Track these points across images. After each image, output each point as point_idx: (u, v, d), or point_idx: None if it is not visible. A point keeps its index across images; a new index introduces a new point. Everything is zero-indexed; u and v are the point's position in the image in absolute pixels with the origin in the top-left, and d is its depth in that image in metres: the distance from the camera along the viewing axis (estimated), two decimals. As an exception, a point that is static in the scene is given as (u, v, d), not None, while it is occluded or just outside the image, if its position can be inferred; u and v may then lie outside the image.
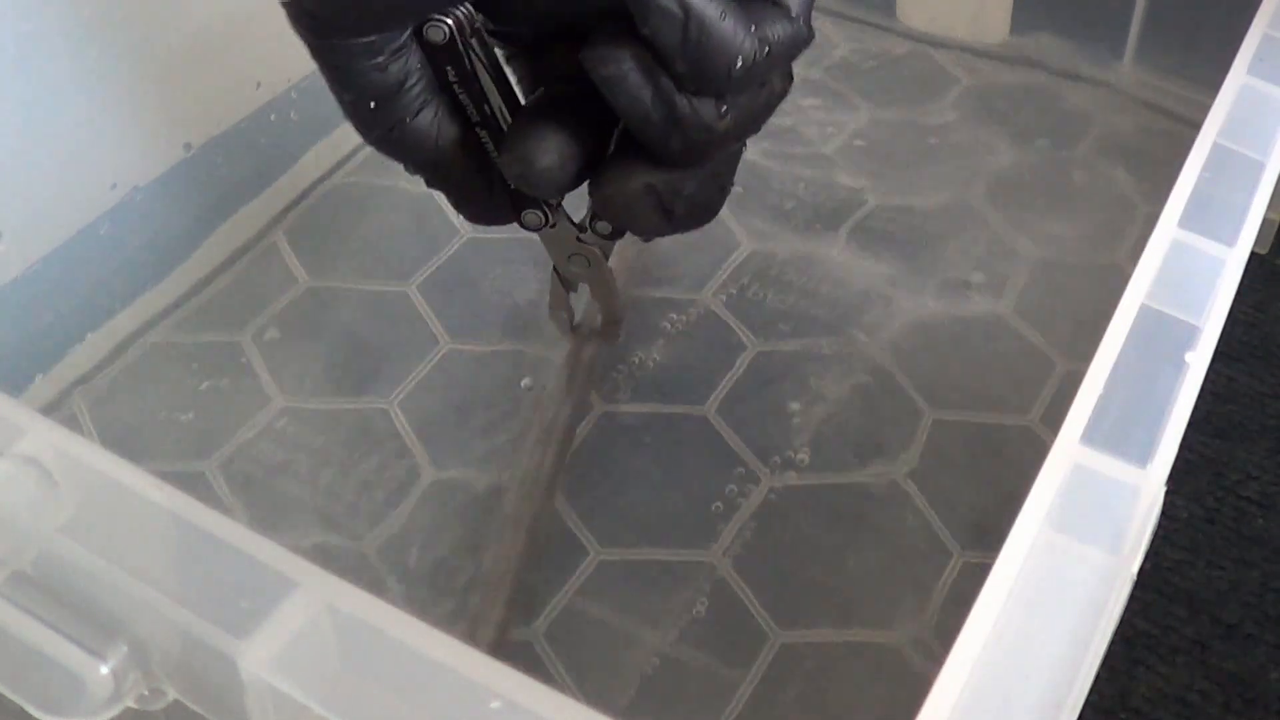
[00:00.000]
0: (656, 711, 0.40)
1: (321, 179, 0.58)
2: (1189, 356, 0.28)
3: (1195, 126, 0.34)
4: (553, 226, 0.41)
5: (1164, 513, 0.25)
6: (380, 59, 0.34)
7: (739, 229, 0.56)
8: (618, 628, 0.42)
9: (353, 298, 0.53)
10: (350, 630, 0.22)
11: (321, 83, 0.34)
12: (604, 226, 0.41)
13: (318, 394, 0.50)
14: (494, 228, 0.42)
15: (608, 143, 0.36)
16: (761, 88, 0.35)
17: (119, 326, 0.51)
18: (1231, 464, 0.49)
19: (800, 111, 0.63)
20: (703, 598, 0.43)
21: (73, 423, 0.48)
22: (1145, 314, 0.29)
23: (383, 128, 0.35)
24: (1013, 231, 0.57)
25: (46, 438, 0.24)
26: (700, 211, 0.37)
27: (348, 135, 0.59)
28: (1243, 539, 0.46)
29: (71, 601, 0.23)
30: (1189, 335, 0.28)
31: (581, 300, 0.47)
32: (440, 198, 0.41)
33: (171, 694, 0.23)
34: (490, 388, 0.50)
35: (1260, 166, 0.33)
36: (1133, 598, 0.24)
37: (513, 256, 0.55)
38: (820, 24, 0.69)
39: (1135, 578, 0.24)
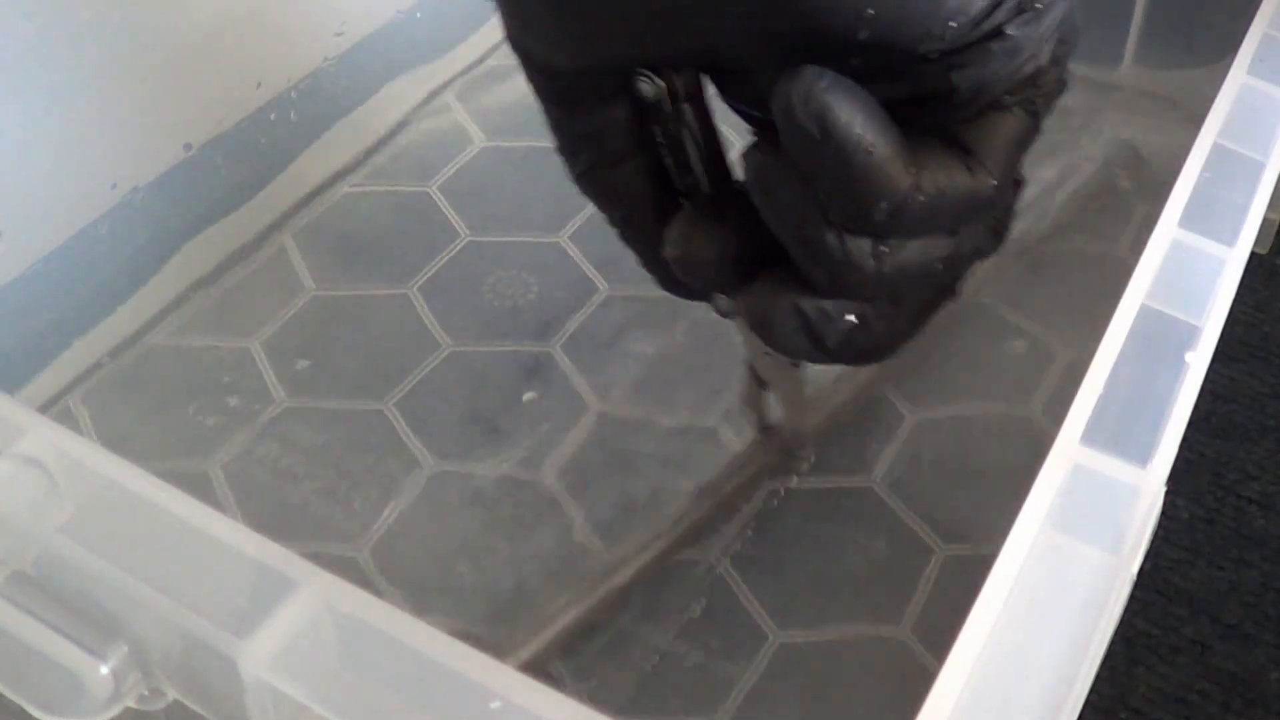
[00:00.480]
0: (655, 709, 0.40)
1: (322, 180, 0.58)
2: (1189, 356, 0.28)
3: (1195, 126, 0.34)
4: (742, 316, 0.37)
5: (1164, 513, 0.26)
6: (587, 102, 0.32)
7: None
8: (617, 626, 0.42)
9: (354, 299, 0.53)
10: (350, 630, 0.22)
11: (323, 82, 0.34)
12: None
13: (318, 395, 0.49)
14: (495, 232, 0.41)
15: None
16: (949, 238, 0.31)
17: (119, 327, 0.51)
18: (1231, 464, 0.49)
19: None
20: (701, 596, 0.43)
21: (72, 423, 0.48)
22: (1145, 314, 0.29)
23: (583, 168, 0.34)
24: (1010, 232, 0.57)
25: (46, 438, 0.24)
26: (861, 351, 0.33)
27: (349, 136, 0.60)
28: (1243, 539, 0.46)
29: (71, 601, 0.23)
30: (1189, 335, 0.28)
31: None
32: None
33: (171, 694, 0.23)
34: (491, 390, 0.50)
35: (1260, 166, 0.33)
36: (1133, 598, 0.24)
37: (514, 260, 0.55)
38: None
39: (1135, 578, 0.24)
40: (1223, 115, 0.35)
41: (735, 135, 0.34)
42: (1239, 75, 0.36)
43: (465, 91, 0.63)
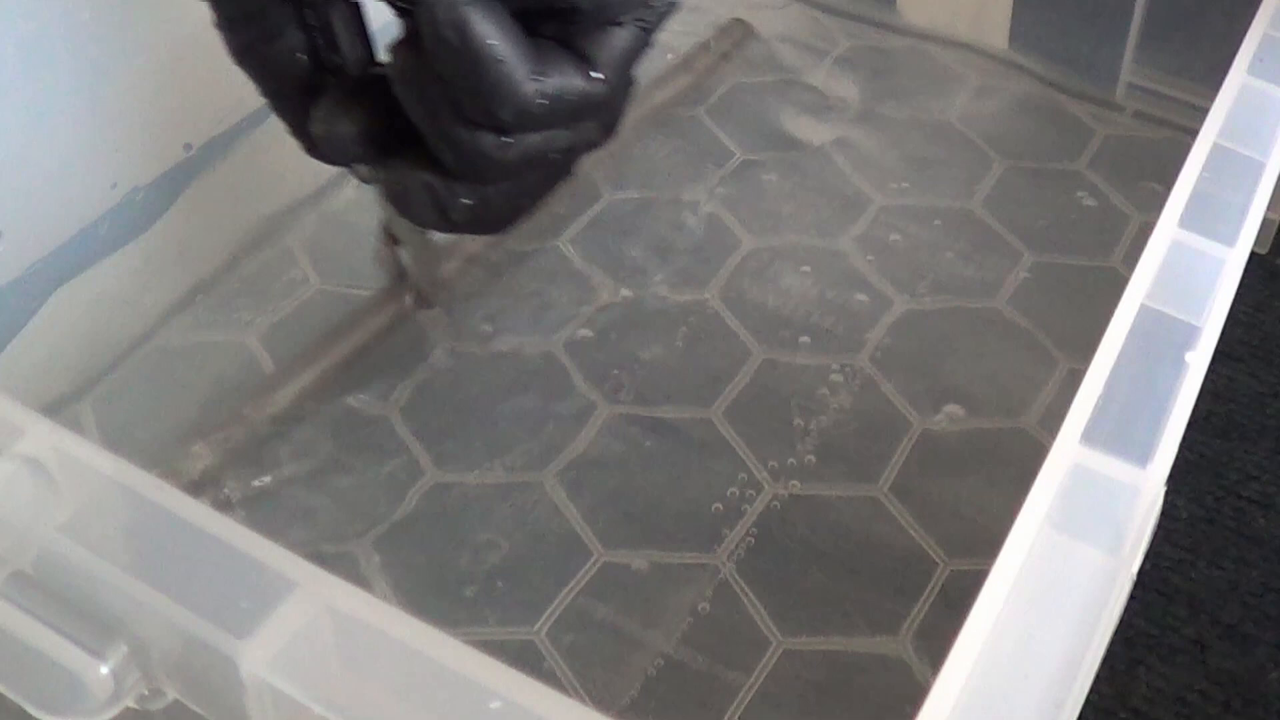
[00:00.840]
0: (658, 713, 0.40)
1: (323, 180, 0.58)
2: (1189, 356, 0.28)
3: (1195, 127, 0.34)
4: (379, 183, 0.41)
5: (1164, 513, 0.25)
6: None
7: (740, 230, 0.56)
8: (620, 629, 0.42)
9: (358, 300, 0.53)
10: (350, 630, 0.22)
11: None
12: None
13: (321, 395, 0.49)
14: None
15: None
16: (566, 130, 0.35)
17: (120, 327, 0.51)
18: (1231, 464, 0.49)
19: (797, 108, 0.63)
20: (704, 601, 0.43)
21: (73, 424, 0.48)
22: (1145, 314, 0.29)
23: (240, 43, 0.37)
24: (1011, 233, 0.57)
25: (46, 438, 0.24)
26: (484, 224, 0.38)
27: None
28: (1243, 539, 0.46)
29: (71, 601, 0.23)
30: (1189, 335, 0.28)
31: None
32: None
33: (171, 694, 0.23)
34: (491, 388, 0.50)
35: (1260, 166, 0.33)
36: (1133, 598, 0.24)
37: (512, 263, 0.55)
38: (819, 18, 0.69)
39: (1135, 578, 0.24)
40: (1223, 115, 0.35)
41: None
42: (1239, 75, 0.36)
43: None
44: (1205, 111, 0.35)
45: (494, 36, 0.32)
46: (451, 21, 0.32)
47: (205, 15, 0.35)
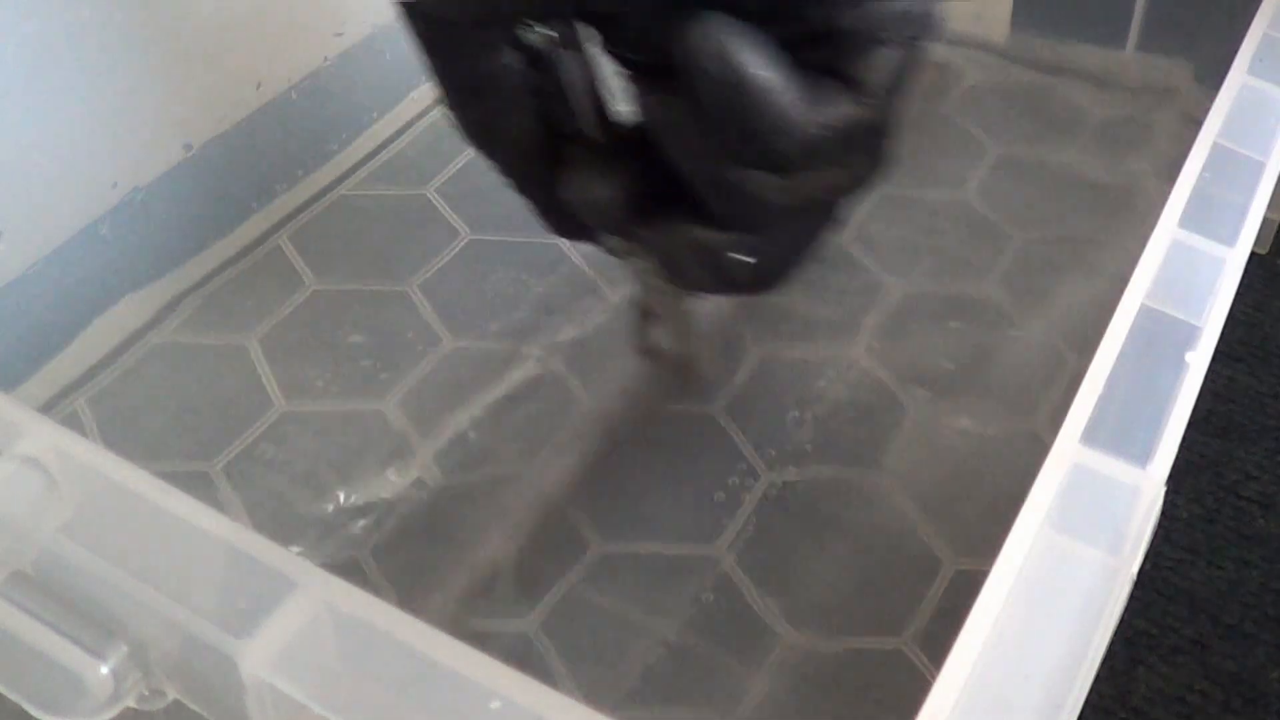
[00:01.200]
0: (659, 708, 0.40)
1: (325, 183, 0.58)
2: (1189, 356, 0.28)
3: (1195, 126, 0.34)
4: (634, 254, 0.38)
5: (1164, 513, 0.25)
6: (476, 54, 0.33)
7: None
8: (620, 622, 0.42)
9: (355, 299, 0.53)
10: (350, 630, 0.22)
11: (322, 83, 0.34)
12: None
13: (320, 395, 0.49)
14: (501, 234, 0.41)
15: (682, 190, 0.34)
16: (839, 169, 0.32)
17: (120, 327, 0.51)
18: (1231, 464, 0.49)
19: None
20: (707, 593, 0.43)
21: (73, 423, 0.48)
22: (1145, 314, 0.29)
23: (473, 121, 0.35)
24: (1011, 228, 0.57)
25: (46, 438, 0.24)
26: (761, 281, 0.35)
27: (350, 138, 0.60)
28: (1243, 539, 0.46)
29: (71, 601, 0.23)
30: (1189, 335, 0.28)
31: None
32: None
33: (171, 694, 0.23)
34: (491, 388, 0.50)
35: (1260, 166, 0.33)
36: (1133, 598, 0.24)
37: (514, 259, 0.55)
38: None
39: (1135, 578, 0.24)
40: (1223, 115, 0.35)
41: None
42: (1239, 75, 0.36)
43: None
44: (1206, 108, 0.35)
45: (763, 67, 0.30)
46: (717, 55, 0.29)
47: (206, 16, 0.35)
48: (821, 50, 0.31)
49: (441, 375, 0.50)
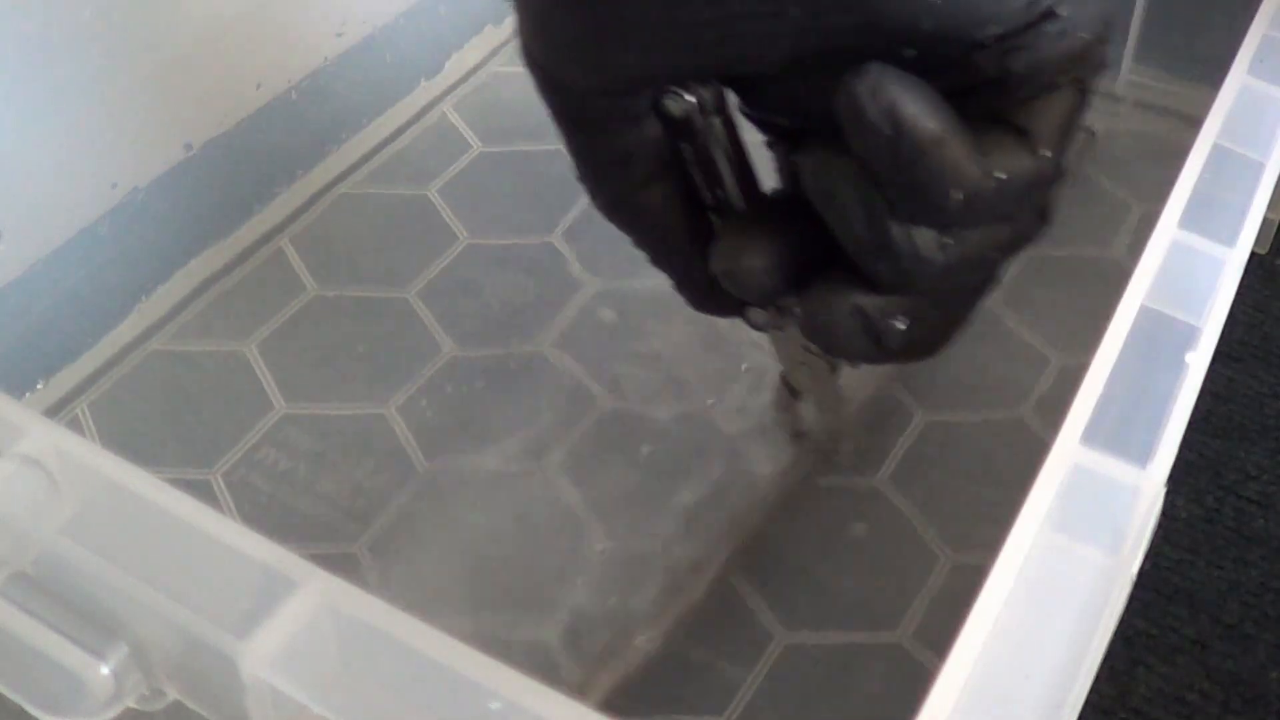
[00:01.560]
0: (659, 709, 0.40)
1: (325, 184, 0.58)
2: (1189, 356, 0.28)
3: (1195, 127, 0.34)
4: (780, 329, 0.37)
5: (1164, 513, 0.25)
6: (614, 124, 0.31)
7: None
8: (619, 622, 0.42)
9: (355, 303, 0.53)
10: (350, 630, 0.22)
11: (323, 82, 0.34)
12: None
13: (320, 399, 0.49)
14: (502, 237, 0.41)
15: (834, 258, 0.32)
16: (1005, 223, 0.31)
17: (119, 328, 0.51)
18: (1231, 464, 0.49)
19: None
20: (705, 595, 0.43)
21: (73, 424, 0.48)
22: (1145, 314, 0.29)
23: (609, 195, 0.33)
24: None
25: (47, 438, 0.24)
26: (918, 347, 0.34)
27: (350, 138, 0.60)
28: (1243, 539, 0.46)
29: (71, 601, 0.23)
30: (1189, 335, 0.28)
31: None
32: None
33: (172, 694, 0.23)
34: (491, 393, 0.50)
35: (1260, 166, 0.33)
36: (1133, 598, 0.24)
37: (512, 262, 0.55)
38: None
39: (1135, 578, 0.24)
40: (1223, 115, 0.35)
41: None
42: (1239, 75, 0.36)
43: (464, 94, 0.63)
44: (1205, 110, 0.35)
45: (929, 119, 0.28)
46: (882, 107, 0.28)
47: (206, 16, 0.35)
48: (988, 98, 0.30)
49: (442, 378, 0.50)
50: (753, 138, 0.34)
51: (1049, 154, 0.30)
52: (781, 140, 0.34)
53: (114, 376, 0.50)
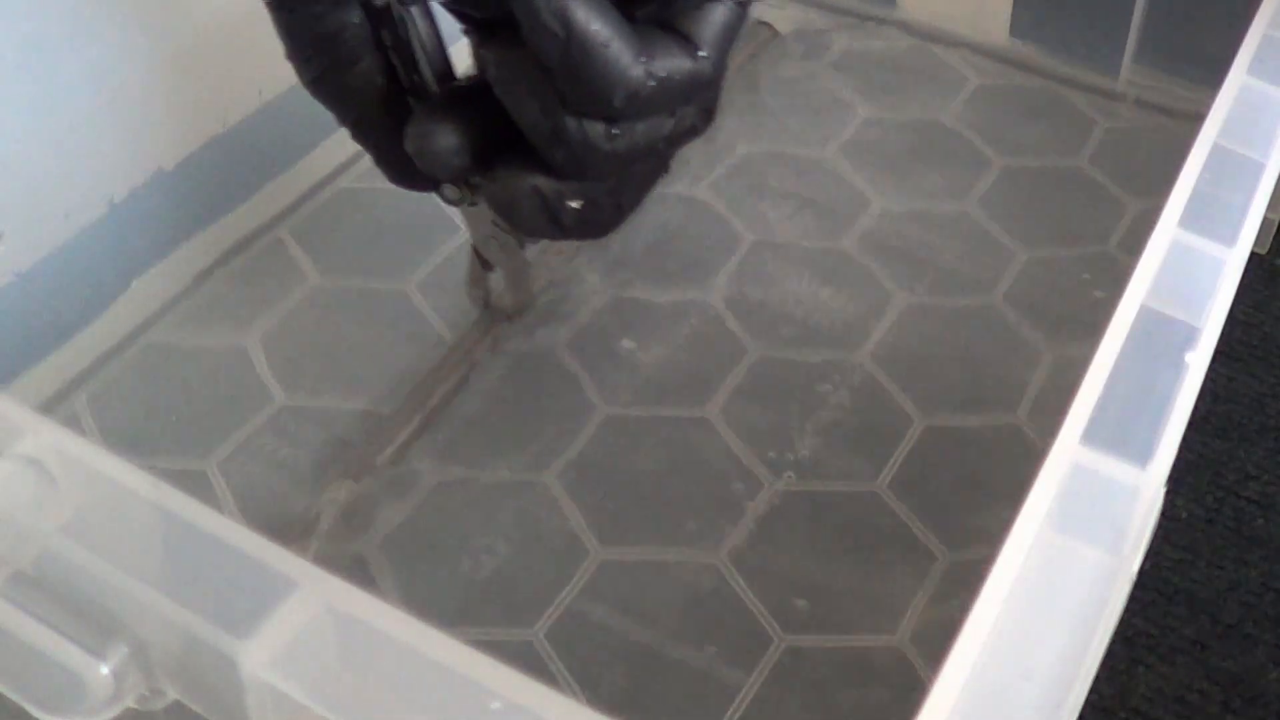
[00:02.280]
0: (658, 712, 0.40)
1: (322, 180, 0.58)
2: (1189, 356, 0.28)
3: (1195, 126, 0.34)
4: (472, 205, 0.41)
5: (1164, 513, 0.25)
6: (319, 8, 0.35)
7: (741, 227, 0.56)
8: (618, 628, 0.42)
9: (353, 297, 0.53)
10: (350, 630, 0.21)
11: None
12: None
13: (317, 391, 0.49)
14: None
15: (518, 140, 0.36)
16: (670, 118, 0.35)
17: (120, 325, 0.51)
18: (1231, 464, 0.49)
19: (796, 107, 0.63)
20: (704, 598, 0.43)
21: (73, 422, 0.48)
22: (1145, 314, 0.29)
23: (314, 72, 0.36)
24: (1009, 230, 0.57)
25: (46, 438, 0.24)
26: (591, 226, 0.38)
27: (348, 136, 0.59)
28: (1243, 539, 0.46)
29: (71, 601, 0.23)
30: (1189, 335, 0.28)
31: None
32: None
33: (171, 694, 0.23)
34: (490, 385, 0.50)
35: (1260, 166, 0.33)
36: (1133, 598, 0.24)
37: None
38: (820, 16, 0.69)
39: (1135, 578, 0.24)
40: (1223, 115, 0.35)
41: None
42: (1239, 75, 0.36)
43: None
44: (1205, 110, 0.35)
45: (597, 22, 0.32)
46: (554, 11, 0.31)
47: (206, 17, 0.35)
48: (654, 7, 0.33)
49: (440, 371, 0.50)
50: (451, 27, 0.37)
51: (707, 57, 0.34)
52: (475, 30, 0.37)
53: (113, 370, 0.50)
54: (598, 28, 0.32)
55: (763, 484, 0.46)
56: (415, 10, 0.35)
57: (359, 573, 0.43)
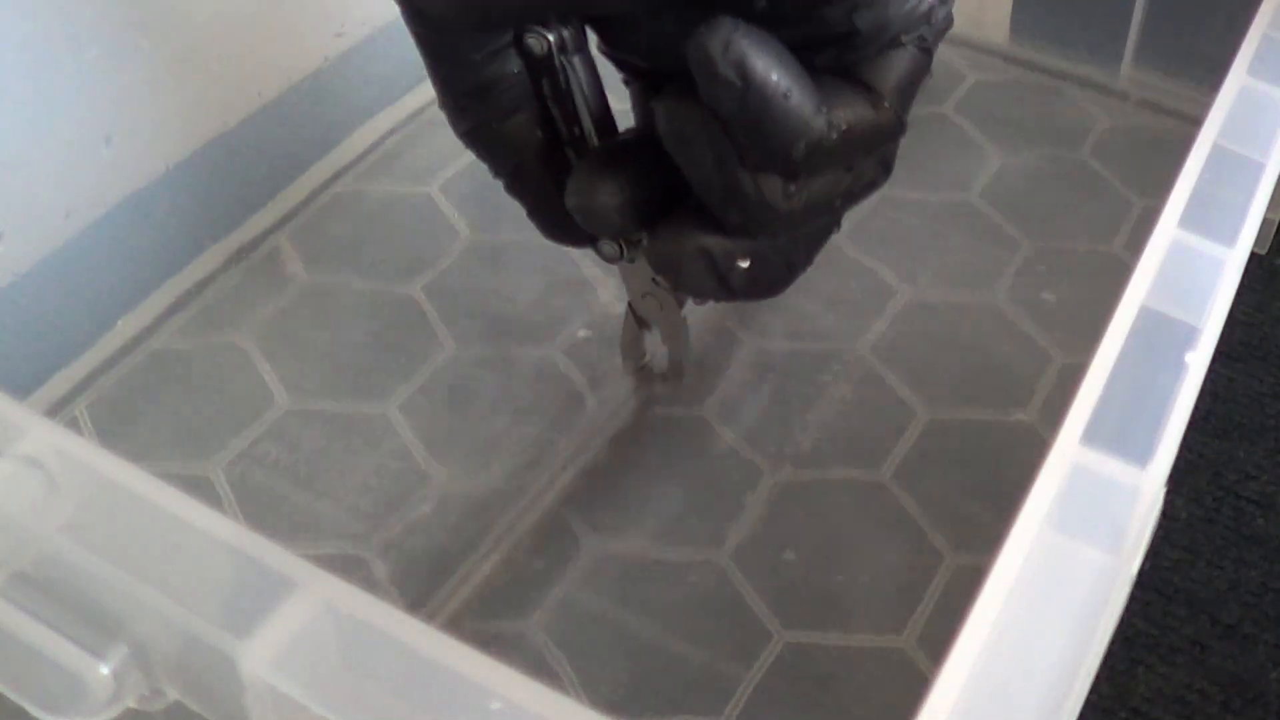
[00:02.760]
0: (657, 709, 0.40)
1: (325, 183, 0.58)
2: (1189, 356, 0.28)
3: (1195, 127, 0.34)
4: (630, 261, 0.39)
5: (1164, 513, 0.26)
6: (477, 57, 0.33)
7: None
8: (618, 623, 0.42)
9: (355, 301, 0.53)
10: (350, 630, 0.22)
11: (321, 85, 0.34)
12: None
13: (320, 397, 0.49)
14: (503, 234, 0.41)
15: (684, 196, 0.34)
16: (848, 173, 0.33)
17: (120, 328, 0.51)
18: (1231, 464, 0.49)
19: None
20: (704, 594, 0.43)
21: (74, 424, 0.48)
22: (1145, 314, 0.29)
23: (470, 124, 0.35)
24: (1014, 231, 0.57)
25: (47, 438, 0.24)
26: (761, 287, 0.36)
27: (350, 139, 0.60)
28: (1243, 539, 0.46)
29: (71, 601, 0.23)
30: (1189, 335, 0.28)
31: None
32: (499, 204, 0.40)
33: (172, 694, 0.23)
34: (492, 391, 0.50)
35: (1260, 166, 0.33)
36: (1133, 598, 0.24)
37: (514, 262, 0.55)
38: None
39: (1135, 578, 0.24)
40: (1223, 115, 0.35)
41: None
42: (1239, 75, 0.36)
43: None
44: (1205, 110, 0.35)
45: (776, 71, 0.30)
46: (731, 61, 0.30)
47: (206, 17, 0.35)
48: (834, 53, 0.31)
49: (444, 375, 0.50)
50: (612, 78, 0.36)
51: (890, 108, 0.32)
52: (639, 80, 0.36)
53: (114, 373, 0.50)
54: (777, 78, 0.30)
55: (761, 477, 0.46)
56: (578, 60, 0.34)
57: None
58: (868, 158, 0.33)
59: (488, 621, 0.43)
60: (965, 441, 0.48)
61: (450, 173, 0.59)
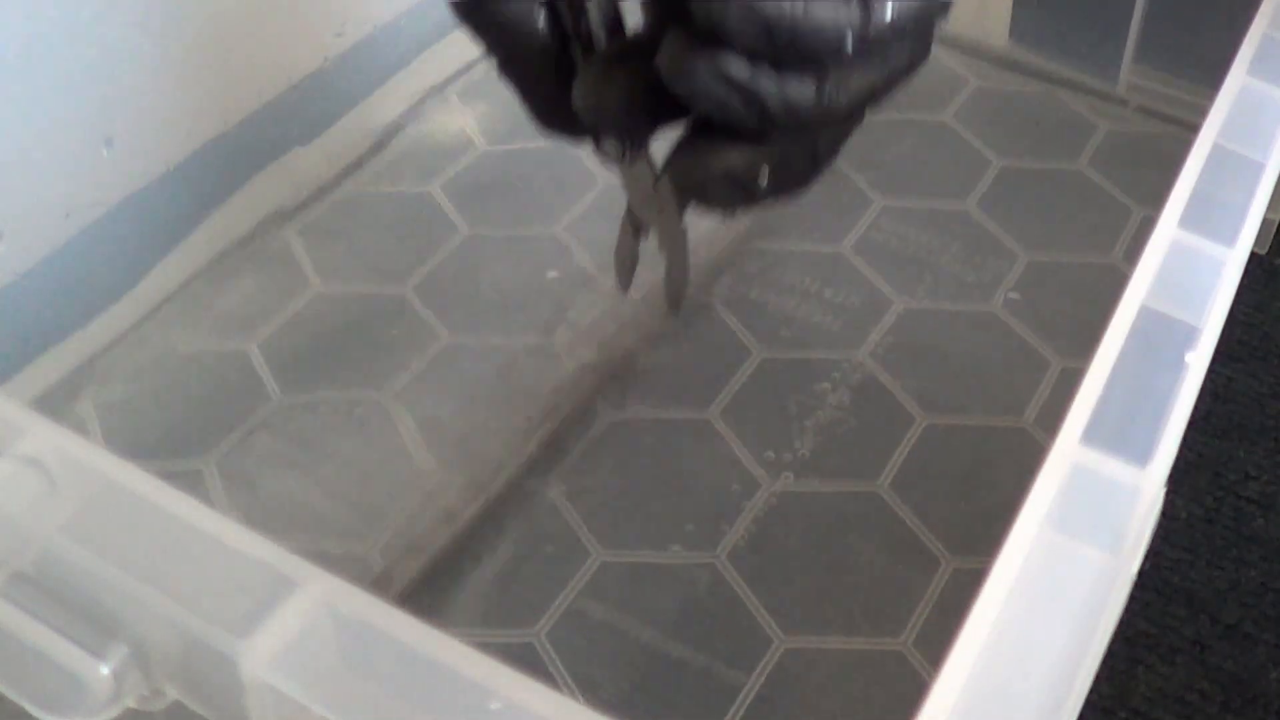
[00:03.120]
0: (657, 714, 0.40)
1: (325, 182, 0.58)
2: (1189, 356, 0.28)
3: (1195, 128, 0.34)
4: (631, 164, 0.37)
5: (1164, 513, 0.25)
6: None
7: (738, 230, 0.56)
8: (618, 628, 0.42)
9: (353, 296, 0.53)
10: (350, 630, 0.21)
11: (321, 84, 0.34)
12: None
13: (318, 390, 0.49)
14: (497, 228, 0.41)
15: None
16: (884, 62, 0.31)
17: (120, 327, 0.51)
18: (1231, 464, 0.48)
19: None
20: (704, 600, 0.43)
21: (73, 422, 0.48)
22: (1145, 314, 0.29)
23: (480, 17, 0.34)
24: (1010, 233, 0.57)
25: (46, 438, 0.24)
26: (787, 186, 0.34)
27: (349, 136, 0.60)
28: (1242, 539, 0.46)
29: (71, 601, 0.23)
30: (1189, 335, 0.28)
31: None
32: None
33: (171, 694, 0.23)
34: (488, 382, 0.50)
35: (1260, 167, 0.33)
36: (1133, 598, 0.24)
37: (511, 256, 0.55)
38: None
39: (1135, 578, 0.24)
40: (1223, 115, 0.35)
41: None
42: (1239, 75, 0.36)
43: (465, 92, 0.63)
44: (1205, 111, 0.35)
45: (756, 27, 0.28)
46: (715, 77, 0.29)
47: (206, 16, 0.35)
48: None
49: (441, 371, 0.50)
50: None
51: None
52: None
53: (114, 370, 0.50)
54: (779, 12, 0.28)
55: (760, 484, 0.46)
56: None
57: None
58: (904, 47, 0.31)
59: (487, 626, 0.43)
60: (963, 448, 0.48)
61: (452, 171, 0.59)
